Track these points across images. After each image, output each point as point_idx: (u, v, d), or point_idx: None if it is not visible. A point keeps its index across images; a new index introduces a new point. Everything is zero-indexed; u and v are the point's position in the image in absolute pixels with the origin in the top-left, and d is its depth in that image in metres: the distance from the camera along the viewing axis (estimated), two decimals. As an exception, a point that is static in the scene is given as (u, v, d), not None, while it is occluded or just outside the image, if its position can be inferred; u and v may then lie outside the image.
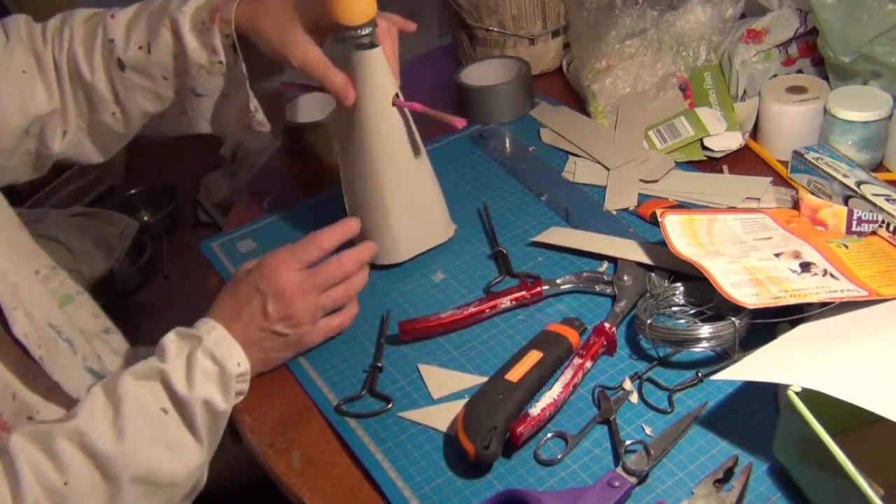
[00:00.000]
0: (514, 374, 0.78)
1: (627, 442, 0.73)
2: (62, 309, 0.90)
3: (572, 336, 0.82)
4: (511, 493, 0.70)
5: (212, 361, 0.78)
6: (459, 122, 0.87)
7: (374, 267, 0.98)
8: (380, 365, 0.86)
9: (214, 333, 0.79)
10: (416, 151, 0.94)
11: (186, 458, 0.75)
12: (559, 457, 0.74)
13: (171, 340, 0.78)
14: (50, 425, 0.72)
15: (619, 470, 0.70)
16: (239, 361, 0.80)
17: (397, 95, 0.91)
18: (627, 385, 0.78)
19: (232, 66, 0.92)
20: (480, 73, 1.24)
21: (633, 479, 0.69)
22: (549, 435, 0.75)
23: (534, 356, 0.79)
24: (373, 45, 0.88)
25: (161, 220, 2.39)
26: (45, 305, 0.85)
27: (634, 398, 0.78)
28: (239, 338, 0.80)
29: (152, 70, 0.94)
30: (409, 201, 0.95)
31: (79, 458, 0.70)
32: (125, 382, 0.75)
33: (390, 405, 0.81)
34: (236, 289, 0.84)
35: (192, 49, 0.91)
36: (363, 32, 0.86)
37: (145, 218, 2.38)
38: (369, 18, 0.85)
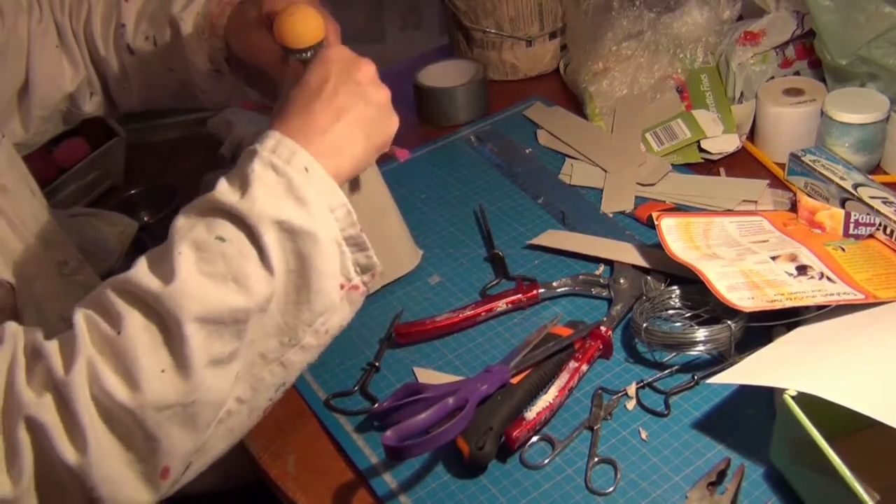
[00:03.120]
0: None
1: (596, 459, 0.73)
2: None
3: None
4: (409, 386, 0.76)
5: (272, 173, 0.62)
6: (402, 155, 0.85)
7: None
8: (377, 364, 0.85)
9: (272, 139, 0.64)
10: (372, 181, 0.90)
11: (254, 288, 0.61)
12: (545, 462, 0.74)
13: (224, 174, 0.65)
14: (105, 281, 0.63)
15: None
16: (307, 166, 0.63)
17: None
18: (631, 391, 0.78)
19: (228, 75, 0.93)
20: (438, 75, 1.25)
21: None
22: (535, 439, 0.75)
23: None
24: None
25: (161, 220, 2.39)
26: (63, 299, 0.85)
27: (631, 405, 0.77)
28: (313, 132, 0.65)
29: (158, 61, 0.95)
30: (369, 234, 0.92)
31: (128, 305, 0.60)
32: (176, 221, 0.62)
33: (376, 406, 0.81)
34: (306, 81, 0.69)
35: (192, 53, 0.92)
36: (306, 56, 0.78)
37: (145, 218, 2.38)
38: (315, 41, 0.78)
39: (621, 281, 0.89)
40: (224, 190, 0.62)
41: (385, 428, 0.69)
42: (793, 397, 0.65)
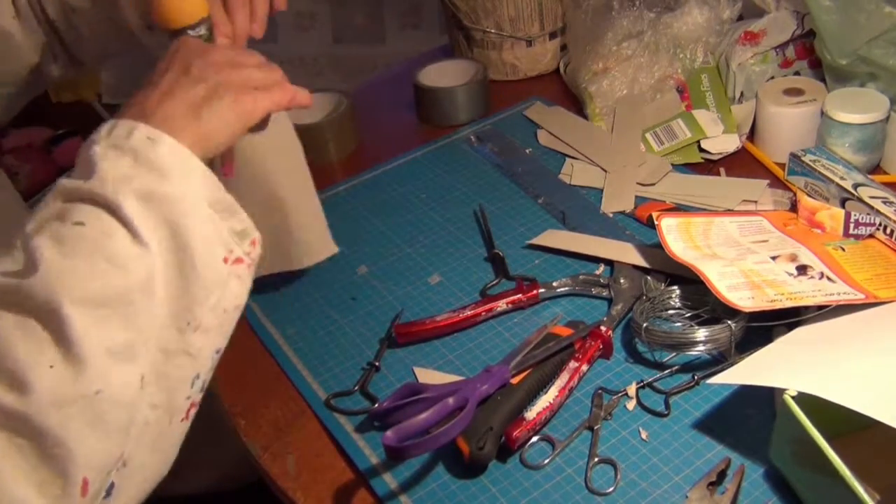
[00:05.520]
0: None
1: (596, 459, 0.73)
2: None
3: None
4: (409, 385, 0.76)
5: (116, 151, 0.59)
6: (228, 172, 0.79)
7: (368, 272, 0.98)
8: (377, 364, 0.85)
9: (107, 125, 0.61)
10: (277, 154, 0.87)
11: (130, 265, 0.56)
12: (545, 462, 0.74)
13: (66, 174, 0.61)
14: None
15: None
16: (149, 136, 0.60)
17: None
18: (631, 391, 0.78)
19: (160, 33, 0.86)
20: (438, 75, 1.25)
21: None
22: (535, 439, 0.75)
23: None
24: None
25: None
26: None
27: (631, 405, 0.77)
28: (152, 113, 0.62)
29: (98, 14, 0.92)
30: (268, 209, 0.87)
31: None
32: (25, 227, 0.58)
33: (376, 406, 0.81)
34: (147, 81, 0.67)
35: (128, 12, 0.87)
36: (199, 32, 0.76)
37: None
38: (200, 17, 0.75)
39: (621, 281, 0.89)
40: (66, 181, 0.58)
41: (385, 428, 0.69)
42: (793, 397, 0.65)
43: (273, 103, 0.69)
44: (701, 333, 0.78)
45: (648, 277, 0.89)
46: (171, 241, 0.58)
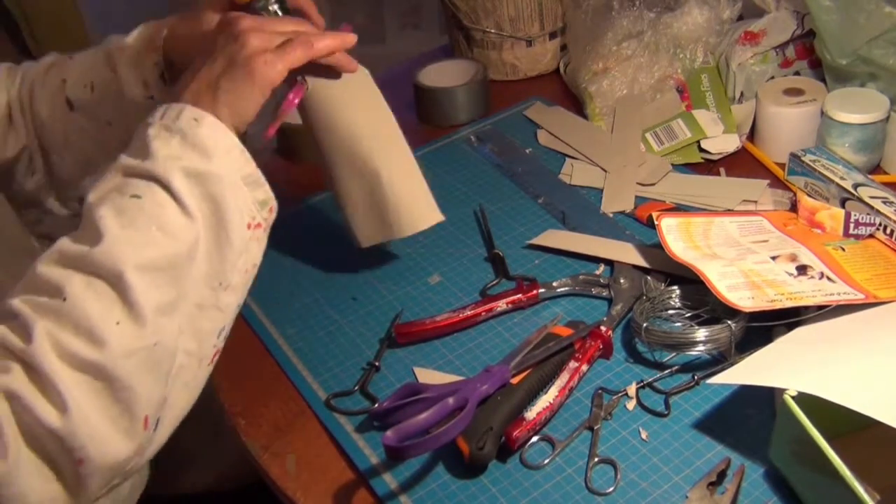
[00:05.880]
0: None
1: (596, 459, 0.73)
2: None
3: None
4: (409, 385, 0.77)
5: (167, 132, 0.67)
6: (295, 96, 0.82)
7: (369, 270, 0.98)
8: (377, 364, 0.85)
9: (160, 109, 0.69)
10: (378, 121, 0.89)
11: (179, 234, 0.65)
12: (545, 462, 0.74)
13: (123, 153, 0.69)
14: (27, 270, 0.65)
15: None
16: (195, 117, 0.68)
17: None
18: (631, 391, 0.78)
19: (159, 97, 0.88)
20: (438, 75, 1.25)
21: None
22: (535, 439, 0.75)
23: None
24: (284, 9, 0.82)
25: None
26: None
27: (631, 405, 0.77)
28: (186, 91, 0.71)
29: (97, 111, 0.91)
30: (364, 182, 0.89)
31: (65, 272, 0.62)
32: (87, 198, 0.66)
33: (376, 406, 0.81)
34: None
35: (127, 84, 0.88)
36: (271, 4, 0.80)
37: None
38: None
39: (621, 281, 0.89)
40: (125, 158, 0.67)
41: (385, 428, 0.69)
42: (793, 397, 0.65)
43: (290, 61, 0.74)
44: (701, 333, 0.78)
45: (648, 277, 0.89)
46: (213, 213, 0.66)
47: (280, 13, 0.82)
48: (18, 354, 0.59)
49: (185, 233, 0.65)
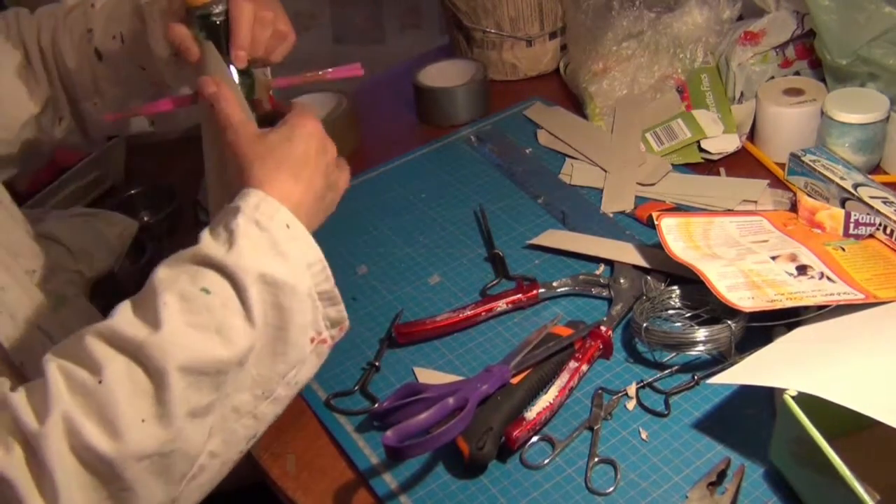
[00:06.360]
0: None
1: (596, 459, 0.73)
2: (57, 312, 0.89)
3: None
4: (409, 385, 0.76)
5: (257, 229, 0.64)
6: (355, 70, 0.82)
7: (369, 270, 0.98)
8: (377, 364, 0.86)
9: (253, 198, 0.65)
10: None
11: (236, 340, 0.62)
12: (545, 462, 0.74)
13: (207, 227, 0.66)
14: (81, 330, 0.62)
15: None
16: (288, 223, 0.65)
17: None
18: (631, 391, 0.78)
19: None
20: (438, 75, 1.25)
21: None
22: (535, 439, 0.75)
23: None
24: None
25: (161, 221, 2.39)
26: (37, 308, 0.85)
27: (631, 405, 0.77)
28: (298, 199, 0.68)
29: (126, 61, 0.91)
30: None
31: (111, 353, 0.59)
32: (158, 272, 0.63)
33: (376, 405, 0.81)
34: (288, 142, 0.70)
35: (155, 42, 0.86)
36: (217, 10, 0.75)
37: (145, 218, 2.38)
38: None
39: (621, 281, 0.89)
40: (209, 243, 0.63)
41: (385, 428, 0.69)
42: (793, 397, 0.65)
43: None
44: (701, 333, 0.78)
45: (648, 277, 0.89)
46: (276, 323, 0.63)
47: (219, 23, 0.77)
48: (27, 435, 0.57)
49: (242, 339, 0.62)
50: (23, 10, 0.95)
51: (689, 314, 0.84)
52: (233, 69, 0.76)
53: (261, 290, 0.62)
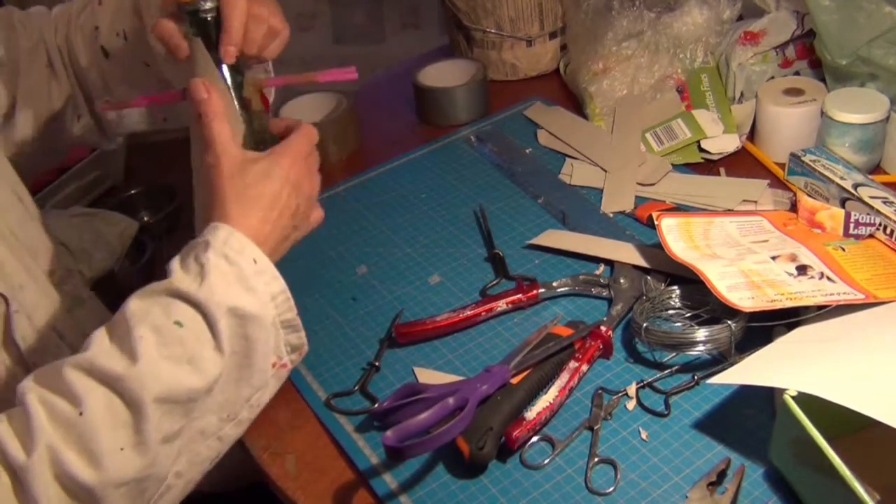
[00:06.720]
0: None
1: (596, 459, 0.73)
2: (72, 313, 0.89)
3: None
4: (409, 385, 0.77)
5: (226, 263, 0.66)
6: (349, 73, 0.81)
7: (369, 270, 0.98)
8: (377, 364, 0.86)
9: (222, 233, 0.67)
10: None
11: (207, 369, 0.64)
12: (545, 462, 0.74)
13: (176, 258, 0.68)
14: (57, 361, 0.64)
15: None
16: (255, 258, 0.68)
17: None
18: (631, 391, 0.78)
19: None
20: (438, 75, 1.25)
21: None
22: (535, 439, 0.75)
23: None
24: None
25: (161, 221, 2.39)
26: (53, 309, 0.85)
27: (631, 405, 0.77)
28: (265, 237, 0.70)
29: (131, 58, 0.91)
30: None
31: (91, 385, 0.62)
32: (130, 304, 0.65)
33: (376, 405, 0.81)
34: (265, 179, 0.72)
35: (153, 38, 0.86)
36: (207, 6, 0.74)
37: (145, 218, 2.38)
38: None
39: (621, 281, 0.89)
40: (181, 276, 0.66)
41: (385, 428, 0.69)
42: (793, 397, 0.65)
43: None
44: (701, 333, 0.78)
45: (648, 277, 0.89)
46: (242, 351, 0.66)
47: (210, 19, 0.76)
48: (13, 467, 0.59)
49: (212, 368, 0.65)
50: (38, 8, 0.96)
51: (689, 314, 0.84)
52: (224, 67, 0.75)
53: (230, 322, 0.65)
